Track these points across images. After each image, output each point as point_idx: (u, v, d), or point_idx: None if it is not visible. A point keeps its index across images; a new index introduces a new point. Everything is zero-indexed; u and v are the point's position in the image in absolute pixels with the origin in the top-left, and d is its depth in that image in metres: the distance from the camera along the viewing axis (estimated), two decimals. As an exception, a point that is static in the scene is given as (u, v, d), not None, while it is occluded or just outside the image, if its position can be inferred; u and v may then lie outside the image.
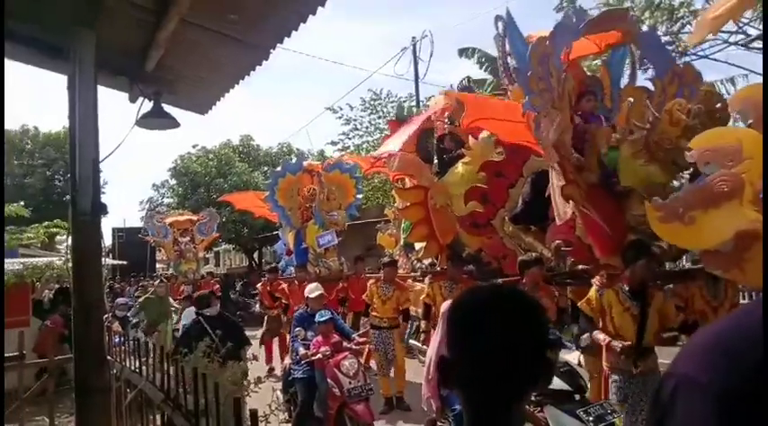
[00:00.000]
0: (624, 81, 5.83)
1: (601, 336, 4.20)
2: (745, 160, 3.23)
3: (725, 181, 3.27)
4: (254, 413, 2.07)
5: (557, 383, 3.82)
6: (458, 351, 1.05)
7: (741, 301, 5.92)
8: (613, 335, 4.15)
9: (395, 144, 6.96)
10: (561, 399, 3.79)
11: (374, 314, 7.16)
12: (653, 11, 10.18)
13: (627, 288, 4.19)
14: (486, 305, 1.05)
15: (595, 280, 4.50)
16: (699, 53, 10.19)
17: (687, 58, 9.75)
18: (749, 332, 0.54)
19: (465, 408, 1.06)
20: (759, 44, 9.35)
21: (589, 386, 4.23)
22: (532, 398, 3.77)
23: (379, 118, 20.07)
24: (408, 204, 6.89)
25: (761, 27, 9.12)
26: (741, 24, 9.27)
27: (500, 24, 5.71)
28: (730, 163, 3.29)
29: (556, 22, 4.83)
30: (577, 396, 3.85)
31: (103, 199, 3.47)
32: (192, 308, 9.68)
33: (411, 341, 9.21)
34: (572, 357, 4.38)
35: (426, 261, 8.02)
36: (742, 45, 9.68)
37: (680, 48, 10.07)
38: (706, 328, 0.64)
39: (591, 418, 3.64)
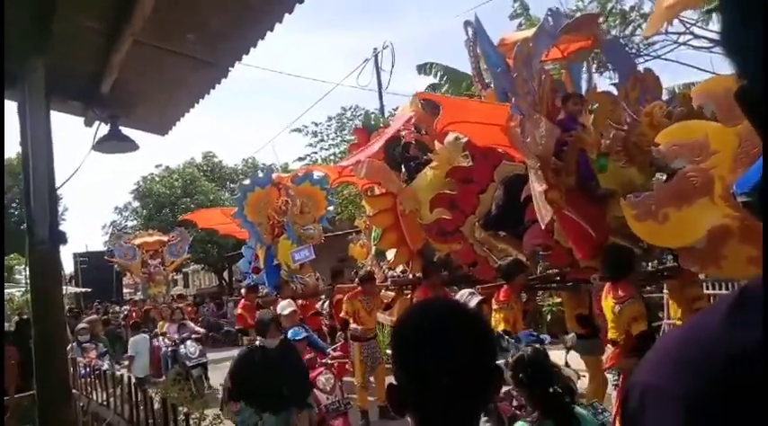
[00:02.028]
0: (583, 86, 5.95)
1: None
2: (712, 154, 3.25)
3: (694, 177, 3.29)
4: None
5: None
6: (408, 375, 1.03)
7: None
8: None
9: (363, 155, 6.97)
10: None
11: (362, 327, 7.09)
12: (606, 16, 10.48)
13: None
14: (434, 324, 1.03)
15: (610, 296, 4.19)
16: (652, 54, 10.51)
17: (640, 59, 10.06)
18: (716, 332, 0.54)
19: None
20: (706, 44, 9.72)
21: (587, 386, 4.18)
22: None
23: (347, 132, 20.06)
24: (377, 211, 6.88)
25: (708, 27, 9.48)
26: (688, 25, 9.61)
27: (469, 30, 5.75)
28: (698, 158, 3.30)
29: (513, 29, 4.91)
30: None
31: (63, 226, 3.35)
32: (142, 336, 9.28)
33: (389, 351, 9.18)
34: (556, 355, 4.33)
35: (398, 270, 8.02)
36: (691, 46, 10.03)
37: (633, 50, 10.38)
38: (672, 331, 0.64)
39: None
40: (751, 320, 0.51)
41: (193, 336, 9.37)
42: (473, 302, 3.69)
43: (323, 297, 9.33)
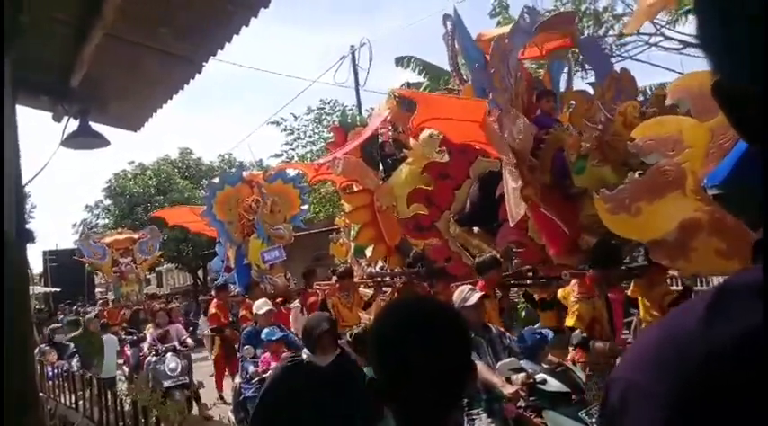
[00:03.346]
0: (562, 85, 6.02)
1: (600, 344, 4.02)
2: (685, 149, 3.33)
3: (667, 171, 3.37)
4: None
5: (553, 384, 3.63)
6: (391, 371, 1.03)
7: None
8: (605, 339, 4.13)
9: (340, 152, 6.97)
10: (559, 402, 3.61)
11: (343, 324, 7.03)
12: (581, 17, 10.64)
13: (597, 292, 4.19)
14: (421, 321, 1.04)
15: (575, 292, 4.31)
16: (624, 54, 10.71)
17: (614, 59, 10.24)
18: (692, 331, 0.54)
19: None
20: (677, 45, 9.94)
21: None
22: (530, 402, 3.62)
23: (324, 127, 19.97)
24: (354, 207, 6.90)
25: (678, 30, 9.69)
26: (659, 27, 9.82)
27: (448, 23, 5.74)
28: (671, 152, 3.38)
29: (492, 27, 4.95)
30: (575, 397, 3.68)
31: (31, 224, 3.25)
32: (109, 336, 8.41)
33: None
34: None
35: (378, 266, 8.03)
36: (662, 47, 10.25)
37: (606, 51, 10.55)
38: (651, 329, 0.64)
39: (593, 419, 3.43)
40: (730, 314, 0.52)
41: (179, 347, 7.81)
42: (474, 297, 3.63)
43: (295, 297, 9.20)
